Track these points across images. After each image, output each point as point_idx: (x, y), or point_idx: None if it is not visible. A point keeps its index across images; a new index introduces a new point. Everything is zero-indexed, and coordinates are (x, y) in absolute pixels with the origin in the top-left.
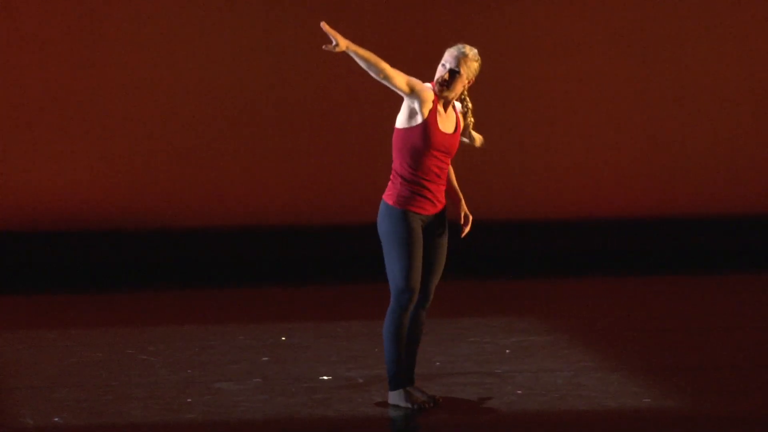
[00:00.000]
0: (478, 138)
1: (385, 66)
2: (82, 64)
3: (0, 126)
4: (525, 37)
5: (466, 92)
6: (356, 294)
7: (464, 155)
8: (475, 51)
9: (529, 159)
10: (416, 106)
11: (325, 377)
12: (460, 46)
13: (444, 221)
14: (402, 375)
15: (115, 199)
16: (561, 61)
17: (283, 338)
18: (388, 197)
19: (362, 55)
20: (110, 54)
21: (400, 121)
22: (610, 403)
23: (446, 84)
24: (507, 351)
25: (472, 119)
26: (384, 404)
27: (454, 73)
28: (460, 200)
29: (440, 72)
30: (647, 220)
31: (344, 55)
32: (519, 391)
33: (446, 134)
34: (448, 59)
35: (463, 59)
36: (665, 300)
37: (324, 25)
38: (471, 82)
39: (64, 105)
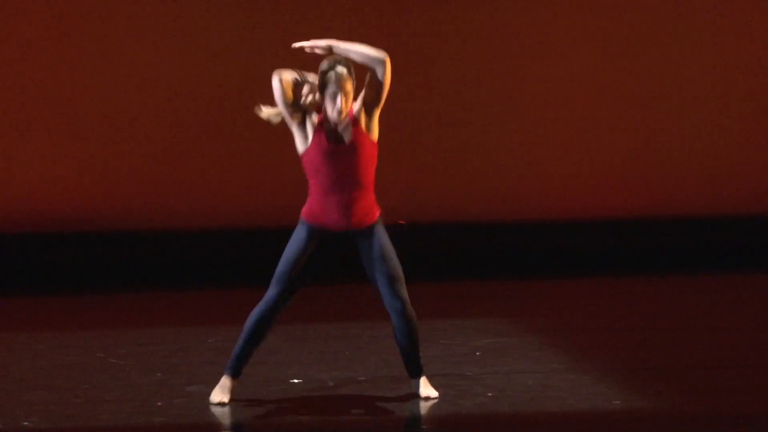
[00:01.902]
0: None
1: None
2: (65, 64)
3: None
4: (513, 39)
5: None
6: (327, 296)
7: (450, 156)
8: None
9: (514, 160)
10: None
11: (296, 380)
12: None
13: None
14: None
15: (89, 201)
16: (549, 63)
17: None
18: (377, 212)
19: (352, 46)
20: (94, 55)
21: (376, 133)
22: (581, 405)
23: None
24: (478, 353)
25: None
26: (355, 406)
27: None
28: None
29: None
30: (629, 220)
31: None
32: (490, 393)
33: None
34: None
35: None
36: (638, 301)
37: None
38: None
39: (46, 106)
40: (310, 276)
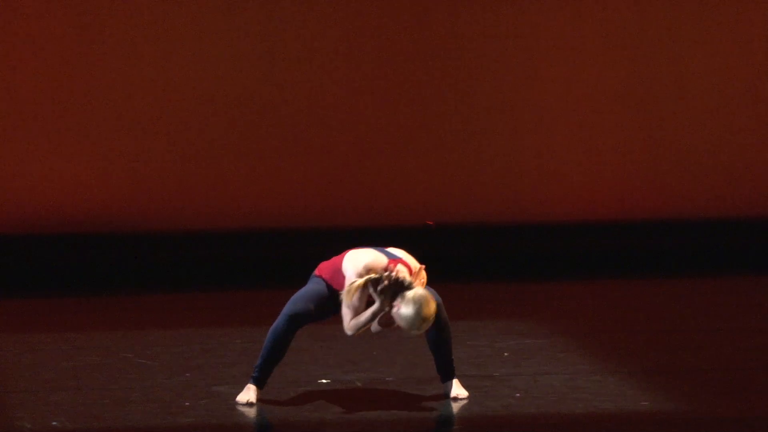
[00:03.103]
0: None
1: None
2: (80, 63)
3: None
4: (523, 38)
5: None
6: None
7: (462, 157)
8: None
9: (527, 161)
10: None
11: (324, 380)
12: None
13: None
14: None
15: (111, 201)
16: (559, 63)
17: None
18: None
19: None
20: (108, 53)
21: None
22: (607, 406)
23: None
24: (505, 354)
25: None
26: (383, 407)
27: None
28: None
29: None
30: (644, 222)
31: (343, 58)
32: (517, 394)
33: None
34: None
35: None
36: (662, 302)
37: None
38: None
39: (60, 105)
40: (321, 318)
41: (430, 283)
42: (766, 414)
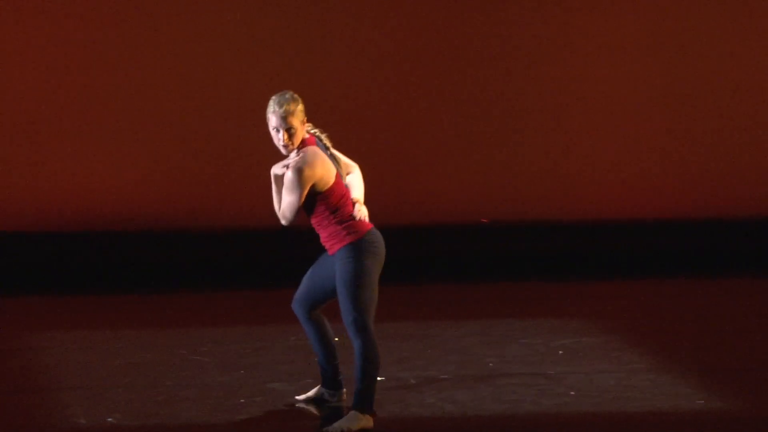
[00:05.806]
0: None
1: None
2: (109, 65)
3: (32, 128)
4: (565, 39)
5: (315, 131)
6: (406, 295)
7: (511, 156)
8: (289, 95)
9: (572, 160)
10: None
11: (378, 378)
12: (275, 102)
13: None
14: None
15: (160, 199)
16: (601, 64)
17: (336, 339)
18: (341, 243)
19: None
20: (137, 55)
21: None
22: (663, 405)
23: (291, 143)
24: (560, 352)
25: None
26: (437, 405)
27: (290, 130)
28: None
29: (277, 138)
30: (695, 221)
31: (387, 59)
32: (572, 393)
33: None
34: (276, 123)
35: (288, 115)
36: (716, 301)
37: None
38: (304, 121)
39: (92, 107)
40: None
41: (486, 278)
42: None
